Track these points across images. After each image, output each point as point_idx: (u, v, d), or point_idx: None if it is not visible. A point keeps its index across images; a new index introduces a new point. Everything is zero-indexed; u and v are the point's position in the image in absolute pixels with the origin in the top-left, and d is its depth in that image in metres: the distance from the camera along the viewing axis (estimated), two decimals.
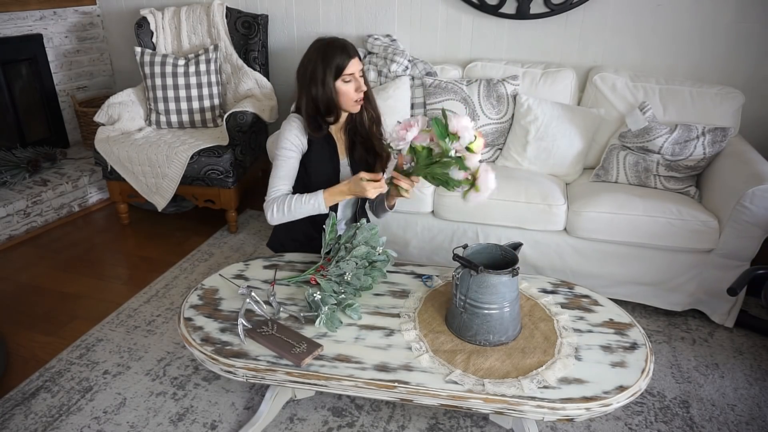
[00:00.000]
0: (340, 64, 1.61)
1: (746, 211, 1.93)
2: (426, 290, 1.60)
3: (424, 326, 1.43)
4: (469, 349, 1.36)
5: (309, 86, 1.65)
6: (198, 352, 1.36)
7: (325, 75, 1.61)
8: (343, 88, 1.64)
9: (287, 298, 1.56)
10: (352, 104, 1.68)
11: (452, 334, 1.41)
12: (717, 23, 2.47)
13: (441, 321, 1.46)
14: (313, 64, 1.63)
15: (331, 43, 1.64)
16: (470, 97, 2.50)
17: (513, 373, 1.28)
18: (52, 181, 2.98)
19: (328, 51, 1.62)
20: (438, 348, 1.36)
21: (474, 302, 1.35)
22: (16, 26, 3.09)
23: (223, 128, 2.73)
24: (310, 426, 1.67)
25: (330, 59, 1.61)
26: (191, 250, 2.71)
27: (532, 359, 1.32)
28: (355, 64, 1.64)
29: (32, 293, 2.38)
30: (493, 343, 1.36)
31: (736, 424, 1.70)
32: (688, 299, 2.15)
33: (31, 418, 1.71)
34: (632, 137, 2.30)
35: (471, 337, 1.37)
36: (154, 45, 3.06)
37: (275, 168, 1.71)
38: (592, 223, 2.10)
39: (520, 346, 1.37)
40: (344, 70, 1.62)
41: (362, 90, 1.66)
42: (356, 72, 1.64)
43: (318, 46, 1.65)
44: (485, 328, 1.35)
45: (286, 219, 1.65)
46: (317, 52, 1.64)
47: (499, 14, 2.72)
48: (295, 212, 1.64)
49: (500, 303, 1.34)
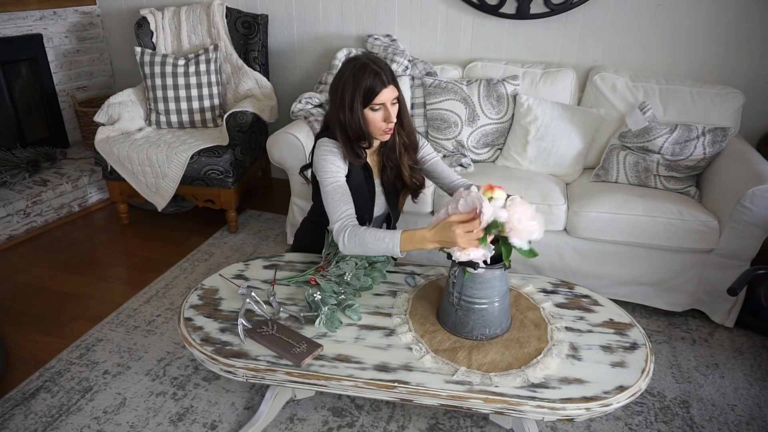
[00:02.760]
0: (371, 91, 1.49)
1: (746, 211, 1.92)
2: (411, 290, 1.59)
3: (418, 327, 1.43)
4: (468, 345, 1.36)
5: (338, 109, 1.55)
6: (198, 352, 1.36)
7: (353, 101, 1.50)
8: (371, 116, 1.53)
9: (287, 298, 1.55)
10: (381, 133, 1.57)
11: (447, 331, 1.41)
12: (717, 23, 2.47)
13: (434, 320, 1.46)
14: (343, 86, 1.52)
15: (365, 66, 1.50)
16: (470, 97, 2.50)
17: (515, 363, 1.30)
18: (52, 181, 2.98)
19: (360, 75, 1.50)
20: (438, 347, 1.36)
21: (469, 298, 1.36)
22: (16, 26, 3.09)
23: (223, 128, 2.73)
24: (310, 426, 1.67)
25: (360, 84, 1.49)
26: (191, 250, 2.71)
27: (530, 348, 1.35)
28: (388, 93, 1.51)
29: (32, 293, 2.38)
30: (489, 337, 1.38)
31: (736, 424, 1.70)
32: (688, 299, 2.15)
33: (31, 418, 1.71)
34: (632, 137, 2.30)
35: (468, 332, 1.38)
36: (154, 45, 3.06)
37: (329, 193, 1.55)
38: (592, 223, 2.10)
39: (515, 337, 1.39)
40: (374, 99, 1.50)
41: (392, 121, 1.54)
42: (388, 101, 1.52)
43: (352, 66, 1.53)
44: (481, 322, 1.37)
45: (360, 252, 1.49)
46: (350, 73, 1.52)
47: (499, 14, 2.72)
48: (368, 247, 1.47)
49: (493, 297, 1.36)
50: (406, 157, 1.68)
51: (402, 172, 1.69)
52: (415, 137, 1.69)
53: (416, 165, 1.72)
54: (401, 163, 1.68)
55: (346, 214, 1.52)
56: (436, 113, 2.53)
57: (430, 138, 2.60)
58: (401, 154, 1.67)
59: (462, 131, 2.50)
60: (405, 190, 1.76)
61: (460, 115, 2.49)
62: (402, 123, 1.62)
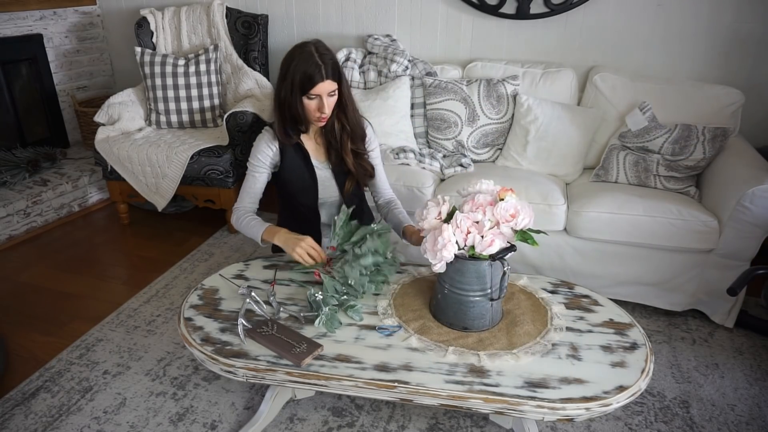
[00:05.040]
0: (309, 81, 1.54)
1: (746, 211, 1.92)
2: (391, 295, 1.56)
3: (425, 333, 1.41)
4: (479, 337, 1.39)
5: (280, 88, 1.61)
6: (198, 352, 1.36)
7: (292, 86, 1.56)
8: (307, 103, 1.59)
9: (287, 298, 1.56)
10: (315, 120, 1.64)
11: (456, 329, 1.41)
12: (717, 23, 2.47)
13: (437, 325, 1.43)
14: (287, 68, 1.57)
15: (310, 56, 1.54)
16: (470, 97, 2.50)
17: (508, 346, 1.36)
18: (52, 181, 2.98)
19: (302, 63, 1.54)
20: (463, 344, 1.36)
21: (462, 290, 1.38)
22: (16, 26, 3.09)
23: (223, 128, 2.73)
24: (310, 426, 1.67)
25: (300, 72, 1.54)
26: (191, 250, 2.71)
27: (526, 331, 1.41)
28: (325, 86, 1.56)
29: (32, 293, 2.38)
30: (492, 324, 1.43)
31: (736, 424, 1.70)
32: (688, 299, 2.15)
33: (31, 418, 1.71)
34: (632, 137, 2.30)
35: (480, 324, 1.41)
36: (154, 45, 3.06)
37: (245, 181, 1.76)
38: (592, 223, 2.10)
39: (511, 324, 1.44)
40: (311, 89, 1.55)
41: (324, 113, 1.60)
42: (324, 93, 1.57)
43: (299, 52, 1.57)
44: (475, 313, 1.41)
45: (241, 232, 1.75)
46: (296, 58, 1.56)
47: (499, 14, 2.72)
48: (244, 231, 1.72)
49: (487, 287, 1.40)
50: (349, 142, 1.72)
51: (344, 158, 1.72)
52: (361, 128, 1.73)
53: (361, 152, 1.75)
54: (343, 148, 1.72)
55: (244, 206, 1.77)
56: (436, 113, 2.53)
57: (430, 138, 2.60)
58: (343, 140, 1.71)
59: (462, 131, 2.50)
60: (351, 176, 1.77)
61: (460, 115, 2.49)
62: (345, 113, 1.67)
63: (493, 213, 1.33)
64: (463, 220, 1.32)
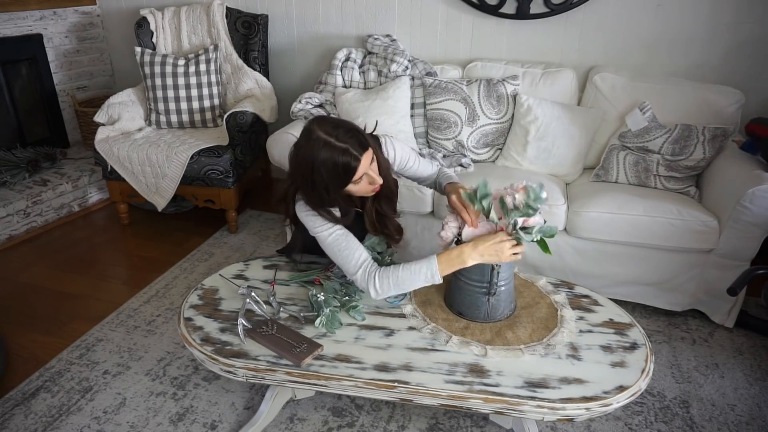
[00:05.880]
0: (346, 172, 1.32)
1: (746, 211, 1.92)
2: (407, 293, 1.55)
3: (449, 328, 1.43)
4: (499, 327, 1.44)
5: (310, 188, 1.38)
6: (198, 352, 1.36)
7: (328, 187, 1.35)
8: (354, 188, 1.39)
9: (287, 298, 1.56)
10: (368, 193, 1.45)
11: (479, 321, 1.45)
12: (717, 23, 2.47)
13: (457, 319, 1.46)
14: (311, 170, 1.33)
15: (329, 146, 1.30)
16: (470, 97, 2.50)
17: (515, 342, 1.38)
18: (52, 181, 2.98)
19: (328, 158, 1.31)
20: (489, 341, 1.38)
21: (498, 283, 1.42)
22: (16, 26, 3.09)
23: (223, 128, 2.73)
24: (310, 426, 1.67)
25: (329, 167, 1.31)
26: (191, 250, 2.71)
27: (534, 330, 1.44)
28: (365, 164, 1.34)
29: (32, 293, 2.38)
30: (508, 315, 1.48)
31: (736, 424, 1.70)
32: (688, 299, 2.15)
33: (31, 418, 1.71)
34: (632, 137, 2.30)
35: (500, 315, 1.46)
36: (154, 45, 3.06)
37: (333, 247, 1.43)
38: (592, 223, 2.10)
39: (521, 319, 1.48)
40: (353, 177, 1.34)
41: (378, 183, 1.40)
42: (367, 168, 1.36)
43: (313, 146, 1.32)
44: (504, 303, 1.46)
45: (395, 292, 1.41)
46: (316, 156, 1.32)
47: (499, 14, 2.72)
48: (405, 284, 1.38)
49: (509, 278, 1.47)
50: (374, 205, 1.56)
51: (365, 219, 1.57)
52: (392, 187, 1.56)
53: (386, 214, 1.59)
54: (365, 210, 1.56)
55: (362, 260, 1.41)
56: (436, 113, 2.53)
57: (430, 138, 2.60)
58: (367, 202, 1.55)
59: (462, 131, 2.50)
60: None
61: (460, 115, 2.49)
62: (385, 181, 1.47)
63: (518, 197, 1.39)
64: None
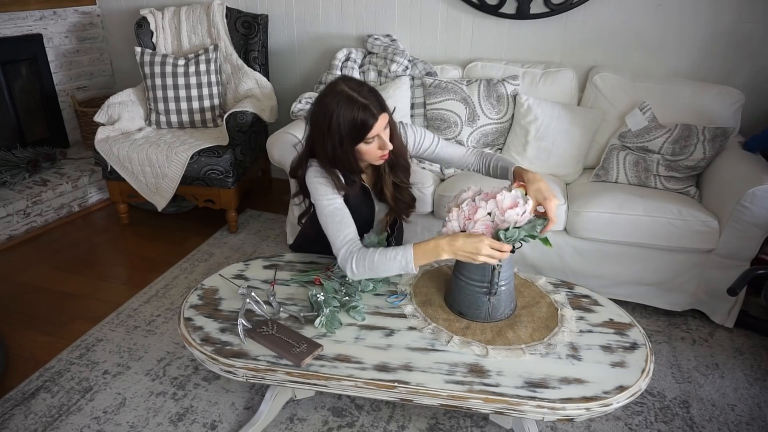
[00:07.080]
0: (363, 126, 1.39)
1: (746, 211, 1.92)
2: (407, 294, 1.57)
3: (450, 328, 1.43)
4: (500, 326, 1.43)
5: (325, 142, 1.44)
6: (198, 352, 1.36)
7: (342, 138, 1.41)
8: (365, 148, 1.45)
9: (287, 298, 1.55)
10: (375, 160, 1.50)
11: (479, 321, 1.44)
12: (717, 23, 2.47)
13: (458, 319, 1.46)
14: (329, 119, 1.40)
15: (351, 99, 1.38)
16: (470, 97, 2.50)
17: (517, 341, 1.37)
18: (52, 181, 2.98)
19: (347, 109, 1.38)
20: (490, 340, 1.38)
21: (498, 283, 1.41)
22: (16, 26, 3.09)
23: (223, 128, 2.73)
24: (310, 426, 1.67)
25: (349, 119, 1.39)
26: (191, 250, 2.71)
27: (534, 329, 1.44)
28: (380, 124, 1.41)
29: (32, 293, 2.38)
30: (509, 315, 1.47)
31: (736, 424, 1.70)
32: (688, 299, 2.15)
33: (31, 418, 1.71)
34: (632, 137, 2.30)
35: (501, 315, 1.45)
36: (154, 45, 3.06)
37: (328, 218, 1.47)
38: (592, 223, 2.10)
39: (522, 319, 1.47)
40: (367, 134, 1.41)
41: (387, 148, 1.46)
42: (381, 131, 1.43)
43: (336, 98, 1.40)
44: (505, 302, 1.45)
45: (371, 275, 1.43)
46: (336, 105, 1.40)
47: (499, 14, 2.72)
48: (380, 269, 1.40)
49: (510, 277, 1.46)
50: (391, 176, 1.61)
51: (384, 191, 1.63)
52: (405, 157, 1.62)
53: (403, 184, 1.65)
54: (384, 182, 1.62)
55: (349, 238, 1.44)
56: (436, 113, 2.53)
57: None
58: (385, 173, 1.61)
59: (462, 131, 2.50)
60: (391, 209, 1.70)
61: (460, 115, 2.49)
62: (393, 141, 1.51)
63: (495, 204, 1.36)
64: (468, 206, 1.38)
